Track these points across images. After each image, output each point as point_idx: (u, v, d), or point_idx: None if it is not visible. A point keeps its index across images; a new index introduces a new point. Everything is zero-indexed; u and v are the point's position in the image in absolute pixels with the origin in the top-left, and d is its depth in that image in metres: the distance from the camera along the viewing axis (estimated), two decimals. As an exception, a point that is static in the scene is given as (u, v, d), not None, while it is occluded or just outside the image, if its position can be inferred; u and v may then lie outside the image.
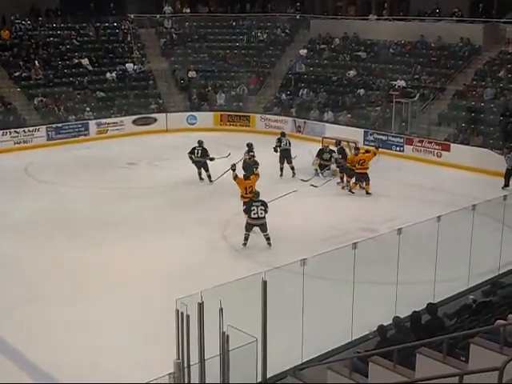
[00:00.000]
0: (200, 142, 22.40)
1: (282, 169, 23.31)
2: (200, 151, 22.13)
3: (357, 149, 22.23)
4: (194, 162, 22.23)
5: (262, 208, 16.50)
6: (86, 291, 13.84)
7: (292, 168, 23.23)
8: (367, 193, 21.05)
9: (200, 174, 22.27)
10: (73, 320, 12.56)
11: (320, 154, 23.24)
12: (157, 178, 22.81)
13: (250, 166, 20.76)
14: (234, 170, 18.40)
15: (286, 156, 23.34)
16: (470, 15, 32.43)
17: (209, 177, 22.12)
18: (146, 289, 13.82)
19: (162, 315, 10.99)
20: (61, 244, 16.55)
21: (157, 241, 16.76)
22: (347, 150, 23.14)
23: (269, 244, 16.63)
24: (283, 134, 24.00)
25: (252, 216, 16.46)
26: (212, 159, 22.11)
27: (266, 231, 16.61)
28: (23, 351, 11.63)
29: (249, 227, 16.67)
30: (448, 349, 8.19)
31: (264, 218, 16.54)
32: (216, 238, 17.11)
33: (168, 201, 20.15)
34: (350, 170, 21.35)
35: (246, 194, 17.67)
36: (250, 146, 22.18)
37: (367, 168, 21.06)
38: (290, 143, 23.49)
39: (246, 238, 16.61)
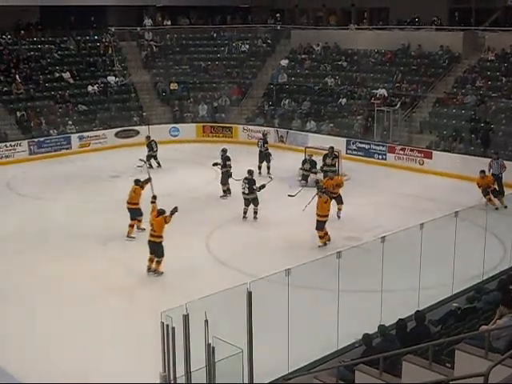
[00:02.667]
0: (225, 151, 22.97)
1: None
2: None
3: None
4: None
5: (247, 186, 19.35)
6: (69, 304, 13.76)
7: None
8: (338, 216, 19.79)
9: None
10: (56, 333, 12.49)
11: (302, 163, 23.40)
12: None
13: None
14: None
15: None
16: (449, 23, 32.73)
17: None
18: (130, 302, 13.77)
19: (147, 328, 10.96)
20: (42, 257, 16.47)
21: (140, 253, 16.65)
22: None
23: (255, 218, 19.58)
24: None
25: (241, 191, 19.53)
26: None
27: (256, 206, 19.55)
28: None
29: (244, 201, 19.61)
30: (433, 355, 8.21)
31: (249, 194, 19.43)
32: (200, 250, 17.07)
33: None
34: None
35: None
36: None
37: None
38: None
39: (244, 212, 19.65)
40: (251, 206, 19.75)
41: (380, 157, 27.02)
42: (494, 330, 8.36)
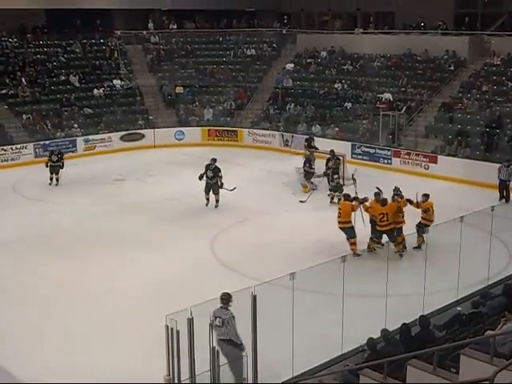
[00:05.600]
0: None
1: None
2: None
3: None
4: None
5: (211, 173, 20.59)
6: (72, 307, 13.75)
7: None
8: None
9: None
10: (60, 335, 12.51)
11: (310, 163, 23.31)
12: (145, 193, 22.77)
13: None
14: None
15: None
16: (455, 28, 32.71)
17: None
18: (135, 305, 13.76)
19: (152, 331, 10.94)
20: (47, 260, 16.46)
21: (145, 256, 16.71)
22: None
23: (216, 206, 20.83)
24: None
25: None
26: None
27: (216, 194, 20.93)
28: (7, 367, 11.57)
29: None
30: (438, 360, 8.19)
31: (211, 179, 20.74)
32: (204, 254, 17.05)
33: (156, 217, 20.09)
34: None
35: None
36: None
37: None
38: None
39: (207, 199, 21.05)
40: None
41: (385, 161, 27.00)
42: (499, 335, 8.34)
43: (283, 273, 9.99)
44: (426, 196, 17.06)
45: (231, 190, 21.08)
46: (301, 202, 21.55)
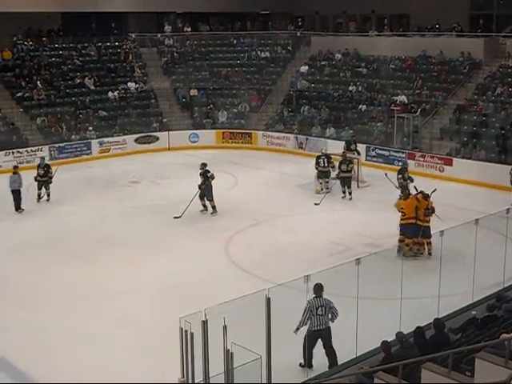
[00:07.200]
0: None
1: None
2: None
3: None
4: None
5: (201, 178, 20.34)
6: (85, 309, 13.80)
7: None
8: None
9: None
10: (74, 336, 12.56)
11: (316, 161, 23.27)
12: (159, 196, 22.82)
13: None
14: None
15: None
16: (470, 30, 32.58)
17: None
18: (149, 307, 13.79)
19: (166, 333, 10.98)
20: (61, 263, 16.54)
21: (159, 259, 16.75)
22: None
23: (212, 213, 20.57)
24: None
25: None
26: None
27: (210, 201, 20.54)
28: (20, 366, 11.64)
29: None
30: (453, 363, 8.15)
31: (201, 184, 20.47)
32: (219, 256, 17.07)
33: (170, 219, 20.12)
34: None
35: None
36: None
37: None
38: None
39: (202, 205, 20.74)
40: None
41: (400, 163, 26.82)
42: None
43: (297, 275, 9.98)
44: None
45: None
46: (315, 204, 21.53)
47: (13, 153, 27.59)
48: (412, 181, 20.58)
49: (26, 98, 31.01)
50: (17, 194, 21.17)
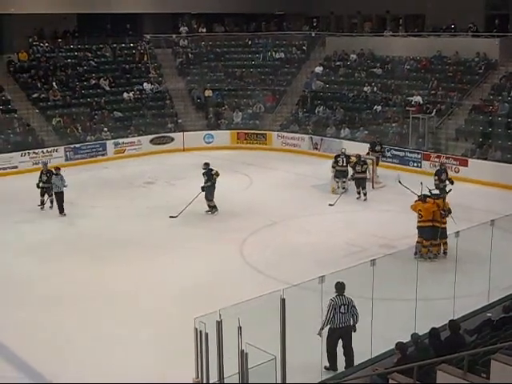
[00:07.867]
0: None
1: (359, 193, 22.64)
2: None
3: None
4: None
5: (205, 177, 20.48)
6: (100, 309, 13.88)
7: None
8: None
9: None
10: (90, 337, 12.61)
11: (335, 160, 23.29)
12: (174, 197, 22.83)
13: None
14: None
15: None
16: (486, 30, 32.42)
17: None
18: (164, 307, 13.82)
19: (180, 334, 11.00)
20: (77, 263, 16.61)
21: (174, 259, 16.80)
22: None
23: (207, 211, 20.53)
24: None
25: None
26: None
27: (210, 200, 20.64)
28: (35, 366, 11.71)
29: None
30: (469, 365, 8.12)
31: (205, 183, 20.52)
32: (234, 257, 17.09)
33: (185, 220, 20.16)
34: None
35: None
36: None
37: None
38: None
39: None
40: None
41: (415, 164, 26.83)
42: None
43: (312, 276, 9.98)
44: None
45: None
46: (330, 205, 21.50)
47: (29, 153, 27.74)
48: (452, 183, 20.23)
49: (42, 99, 31.17)
50: (60, 196, 20.93)
